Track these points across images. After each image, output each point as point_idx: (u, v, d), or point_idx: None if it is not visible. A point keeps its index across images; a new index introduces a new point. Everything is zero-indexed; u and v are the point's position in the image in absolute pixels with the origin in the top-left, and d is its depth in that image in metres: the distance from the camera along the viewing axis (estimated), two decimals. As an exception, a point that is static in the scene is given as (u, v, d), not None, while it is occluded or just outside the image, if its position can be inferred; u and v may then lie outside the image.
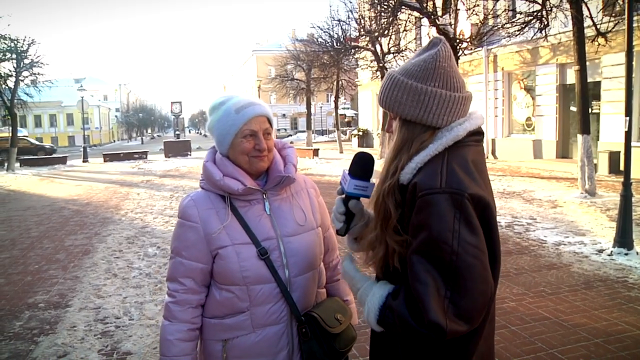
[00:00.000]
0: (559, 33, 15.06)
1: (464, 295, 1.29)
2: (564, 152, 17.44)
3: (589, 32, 11.28)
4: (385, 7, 16.31)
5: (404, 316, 1.34)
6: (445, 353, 1.43)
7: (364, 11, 20.95)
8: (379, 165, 1.54)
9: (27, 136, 47.29)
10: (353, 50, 24.09)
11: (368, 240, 1.53)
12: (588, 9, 10.90)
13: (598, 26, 11.23)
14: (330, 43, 24.85)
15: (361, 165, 1.61)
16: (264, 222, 1.78)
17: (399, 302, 1.38)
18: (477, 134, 1.48)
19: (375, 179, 1.57)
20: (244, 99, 1.79)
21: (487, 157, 20.41)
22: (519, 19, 13.26)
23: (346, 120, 51.62)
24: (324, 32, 24.84)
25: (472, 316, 1.31)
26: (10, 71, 24.05)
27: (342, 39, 24.19)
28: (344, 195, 1.62)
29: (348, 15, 23.30)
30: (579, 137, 10.69)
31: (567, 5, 11.14)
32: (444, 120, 1.43)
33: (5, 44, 22.51)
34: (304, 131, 45.73)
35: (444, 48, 1.44)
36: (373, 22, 19.87)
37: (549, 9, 11.84)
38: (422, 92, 1.41)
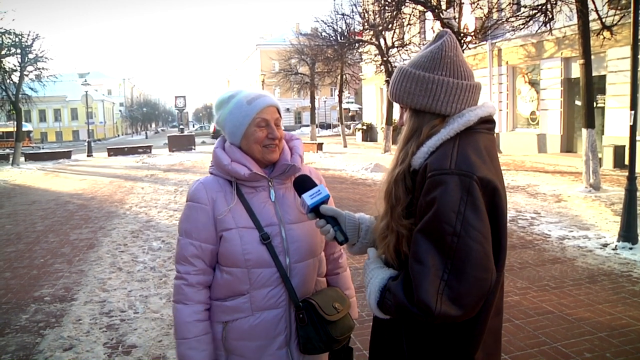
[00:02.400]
0: (564, 27, 14.98)
1: (461, 280, 1.28)
2: (568, 146, 17.38)
3: (594, 25, 11.21)
4: (390, 1, 16.28)
5: (399, 295, 1.36)
6: (450, 344, 1.43)
7: (368, 5, 20.91)
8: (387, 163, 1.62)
9: (31, 131, 47.47)
10: (357, 44, 24.05)
11: (379, 230, 1.53)
12: (593, 2, 10.82)
13: (603, 19, 11.16)
14: (334, 37, 24.80)
15: (301, 183, 1.77)
16: (268, 209, 1.84)
17: (397, 282, 1.40)
18: (488, 122, 1.50)
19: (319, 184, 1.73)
20: (253, 92, 1.86)
21: (492, 151, 20.37)
22: (523, 12, 13.21)
23: (350, 114, 51.53)
24: (328, 26, 24.82)
25: (467, 303, 1.30)
26: (15, 66, 24.14)
27: (346, 33, 24.14)
28: (313, 214, 1.71)
29: (352, 9, 23.24)
30: (584, 131, 10.65)
31: (572, -1, 11.08)
32: (453, 108, 1.45)
33: (10, 38, 22.55)
34: (307, 125, 45.68)
35: (450, 39, 1.47)
36: (377, 16, 19.83)
37: (554, 2, 11.77)
38: (430, 81, 1.44)
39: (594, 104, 11.02)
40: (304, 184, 1.76)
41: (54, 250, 7.54)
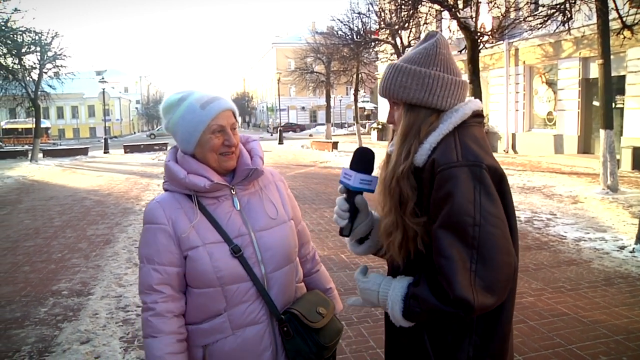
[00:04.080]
0: (583, 26, 14.82)
1: (490, 267, 1.29)
2: (585, 147, 17.19)
3: (614, 24, 11.06)
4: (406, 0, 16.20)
5: (428, 299, 1.34)
6: (478, 337, 1.44)
7: (384, 4, 20.84)
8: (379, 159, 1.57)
9: (49, 127, 48.03)
10: (373, 43, 24.01)
11: (383, 227, 1.51)
12: (614, 1, 10.68)
13: (624, 18, 11.00)
14: (350, 36, 24.82)
15: (363, 160, 1.60)
16: (234, 219, 1.70)
17: (422, 287, 1.37)
18: (479, 116, 1.53)
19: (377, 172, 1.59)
20: (206, 94, 1.71)
21: (507, 152, 20.23)
22: (541, 11, 13.08)
23: (365, 113, 51.51)
24: (344, 24, 24.84)
25: (499, 287, 1.31)
26: (35, 64, 24.48)
27: (362, 32, 24.13)
28: (346, 194, 1.60)
29: (368, 8, 23.26)
30: (602, 132, 10.52)
31: (592, -2, 10.96)
32: (448, 103, 1.47)
33: (30, 37, 22.86)
34: (323, 124, 45.74)
35: (441, 37, 1.50)
36: (393, 15, 19.77)
37: (573, 1, 11.64)
38: (426, 76, 1.45)
39: (613, 104, 10.87)
40: (366, 160, 1.61)
41: (71, 246, 7.65)
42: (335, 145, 25.15)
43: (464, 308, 1.28)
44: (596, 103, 15.32)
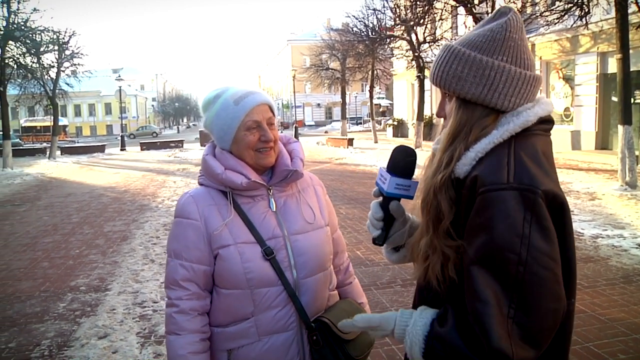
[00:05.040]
0: (601, 20, 14.62)
1: (531, 314, 1.07)
2: (603, 143, 16.97)
3: (634, 18, 10.93)
4: (421, -5, 16.12)
5: (457, 345, 1.10)
6: None
7: (399, 0, 20.74)
8: (421, 160, 1.33)
9: (67, 125, 48.53)
10: (388, 40, 23.98)
11: (418, 248, 1.28)
12: (632, -5, 10.54)
13: (643, 13, 10.86)
14: (365, 32, 24.78)
15: (402, 161, 1.38)
16: (269, 220, 1.64)
17: (449, 328, 1.14)
18: (546, 122, 1.25)
19: (418, 175, 1.34)
20: (241, 89, 1.65)
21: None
22: (558, 6, 12.93)
23: (381, 110, 51.35)
24: (359, 21, 24.83)
25: (541, 339, 1.09)
26: (53, 62, 24.80)
27: (377, 28, 24.08)
28: (381, 198, 1.41)
29: (383, 4, 23.19)
30: (620, 127, 10.38)
31: (610, -8, 10.81)
32: (511, 103, 1.20)
33: (49, 36, 23.15)
34: (338, 120, 45.68)
35: (515, 17, 1.21)
36: (408, 11, 19.68)
37: (591, -5, 11.50)
38: (488, 67, 1.19)
39: (632, 100, 10.72)
40: (406, 161, 1.38)
41: (89, 242, 7.75)
42: (350, 141, 25.11)
43: None
44: (614, 98, 15.11)
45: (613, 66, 14.47)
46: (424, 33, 21.03)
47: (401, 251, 1.49)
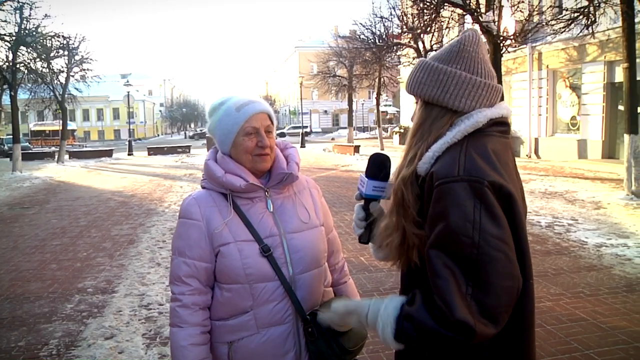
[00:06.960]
0: (607, 29, 14.63)
1: (487, 292, 1.18)
2: (610, 152, 16.93)
3: (640, 28, 10.93)
4: (428, 3, 16.17)
5: (425, 321, 1.22)
6: None
7: (407, 8, 20.83)
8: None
9: (75, 129, 48.84)
10: (395, 47, 24.02)
11: (383, 226, 1.44)
12: None
13: (650, 22, 10.88)
14: (372, 40, 24.87)
15: (377, 166, 1.57)
16: (266, 219, 1.75)
17: (417, 306, 1.26)
18: (501, 125, 1.40)
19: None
20: (244, 97, 1.78)
21: (530, 157, 20.01)
22: (564, 15, 12.98)
23: (387, 117, 51.45)
24: (366, 28, 24.93)
25: (498, 314, 1.20)
26: (62, 67, 25.06)
27: (384, 36, 24.17)
28: (362, 201, 1.59)
29: (390, 12, 23.23)
30: (627, 137, 10.39)
31: (617, 0, 10.82)
32: (463, 104, 1.36)
33: (59, 41, 23.40)
34: (345, 127, 45.80)
35: (472, 34, 1.41)
36: (415, 19, 19.71)
37: (597, 4, 11.53)
38: (442, 72, 1.37)
39: (638, 108, 10.72)
40: (381, 166, 1.57)
41: (96, 245, 7.84)
42: (357, 149, 25.15)
43: (465, 332, 1.17)
44: (621, 107, 15.10)
45: (620, 75, 14.46)
46: (430, 41, 21.06)
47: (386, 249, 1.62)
